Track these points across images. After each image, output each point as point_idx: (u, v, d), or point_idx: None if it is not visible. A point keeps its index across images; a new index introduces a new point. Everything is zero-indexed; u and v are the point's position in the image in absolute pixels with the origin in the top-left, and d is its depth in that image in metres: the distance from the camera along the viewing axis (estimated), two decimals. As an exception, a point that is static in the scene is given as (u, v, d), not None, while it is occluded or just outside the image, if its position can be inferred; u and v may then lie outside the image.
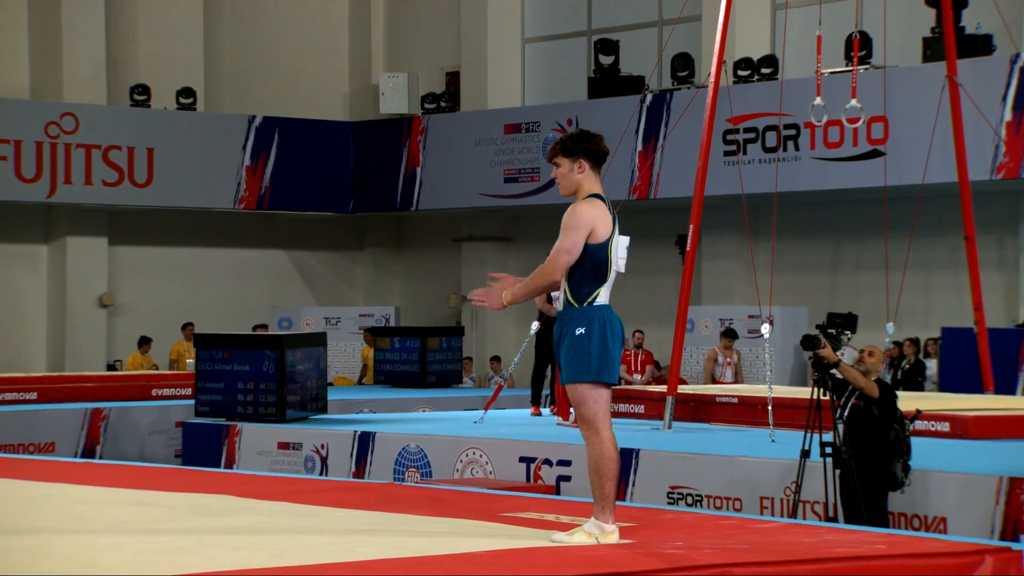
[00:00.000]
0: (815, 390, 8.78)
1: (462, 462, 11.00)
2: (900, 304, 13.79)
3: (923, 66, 16.08)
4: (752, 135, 17.14)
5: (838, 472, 8.65)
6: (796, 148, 16.79)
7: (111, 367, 19.88)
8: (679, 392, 12.07)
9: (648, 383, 17.39)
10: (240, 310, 20.99)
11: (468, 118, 20.43)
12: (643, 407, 12.54)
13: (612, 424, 5.59)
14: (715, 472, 9.70)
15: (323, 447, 11.90)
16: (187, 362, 17.73)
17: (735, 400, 12.18)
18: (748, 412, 11.84)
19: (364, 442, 11.65)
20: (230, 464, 12.32)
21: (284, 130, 20.74)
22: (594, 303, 5.54)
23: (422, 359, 17.30)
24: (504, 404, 14.36)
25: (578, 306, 5.53)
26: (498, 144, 19.64)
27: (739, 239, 18.02)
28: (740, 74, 17.38)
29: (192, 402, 13.27)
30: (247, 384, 12.65)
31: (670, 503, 9.70)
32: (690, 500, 9.74)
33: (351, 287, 22.83)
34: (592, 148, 5.68)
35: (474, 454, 10.96)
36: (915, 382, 16.07)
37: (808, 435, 8.69)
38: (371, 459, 11.56)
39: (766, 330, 11.39)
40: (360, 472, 11.54)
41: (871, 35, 16.13)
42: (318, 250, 22.51)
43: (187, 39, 21.42)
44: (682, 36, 18.36)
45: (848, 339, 9.22)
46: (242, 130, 20.48)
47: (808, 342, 8.84)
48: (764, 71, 17.44)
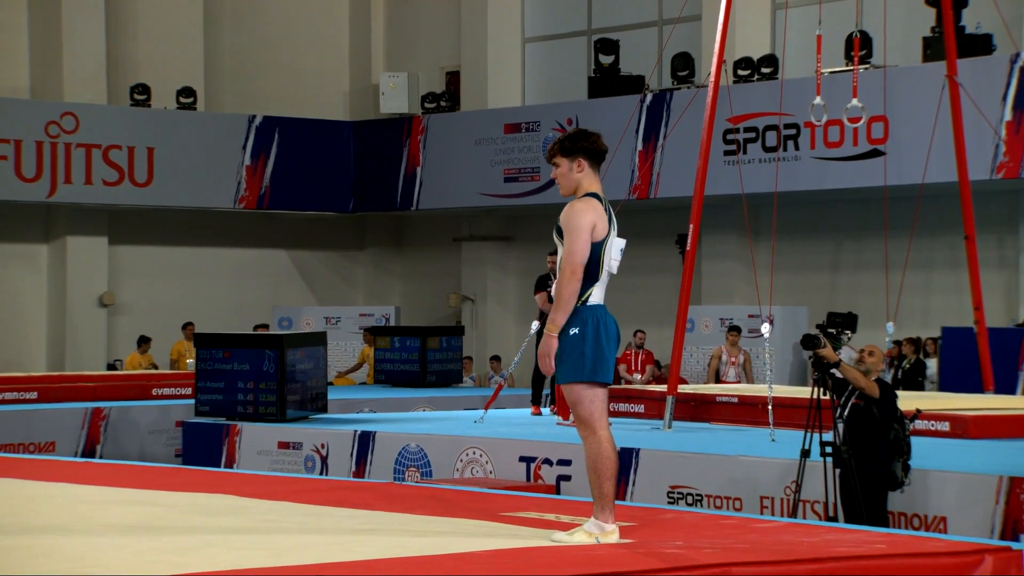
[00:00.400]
0: (815, 390, 8.78)
1: (462, 462, 11.00)
2: (900, 304, 13.79)
3: (923, 66, 16.08)
4: (752, 135, 17.14)
5: (838, 472, 8.66)
6: (796, 148, 16.79)
7: (111, 367, 19.87)
8: (679, 392, 12.07)
9: (648, 383, 17.39)
10: (240, 310, 20.99)
11: (468, 118, 20.43)
12: (643, 407, 12.55)
13: (610, 423, 5.59)
14: (715, 471, 9.70)
15: (323, 447, 11.90)
16: (187, 362, 17.73)
17: (735, 400, 12.18)
18: (748, 412, 11.84)
19: (364, 442, 11.65)
20: (230, 464, 12.32)
21: (284, 130, 20.74)
22: (588, 303, 5.54)
23: (422, 359, 17.30)
24: (504, 404, 14.36)
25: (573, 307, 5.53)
26: (498, 144, 19.65)
27: (739, 239, 18.03)
28: (740, 74, 17.38)
29: (192, 402, 13.27)
30: (247, 384, 12.65)
31: (670, 503, 9.70)
32: (690, 500, 9.74)
33: (351, 287, 22.83)
34: (590, 147, 5.68)
35: (474, 454, 10.96)
36: (915, 382, 16.07)
37: (808, 434, 8.69)
38: (371, 459, 11.56)
39: (766, 330, 11.39)
40: (360, 472, 11.55)
41: (871, 35, 16.13)
42: (318, 250, 22.52)
43: (187, 39, 21.42)
44: (682, 36, 18.36)
45: (848, 339, 9.22)
46: (242, 130, 20.48)
47: (808, 341, 8.84)
48: (764, 71, 17.44)
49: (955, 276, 16.65)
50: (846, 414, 8.76)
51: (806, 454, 8.73)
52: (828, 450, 8.63)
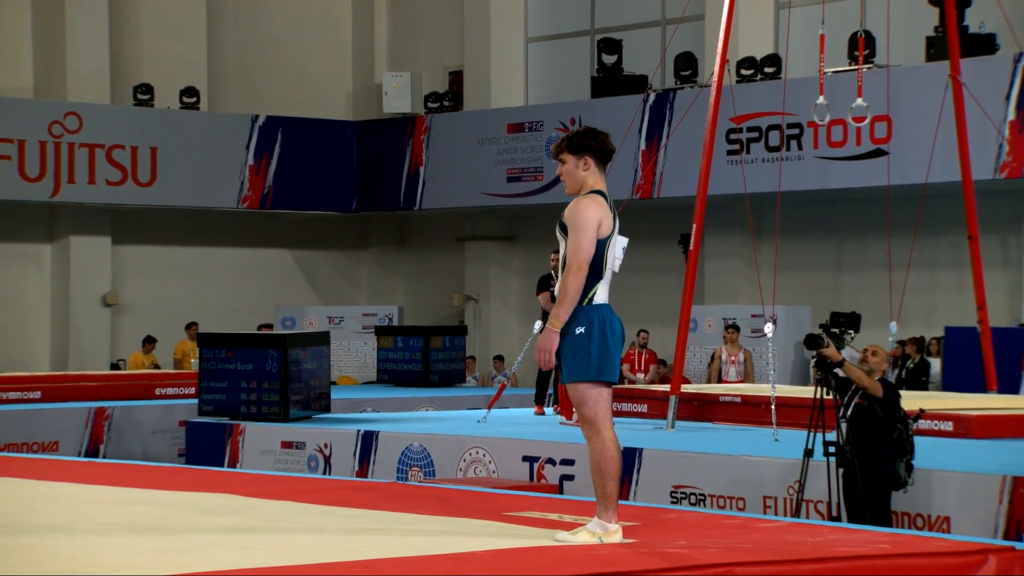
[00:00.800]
0: (818, 389, 8.78)
1: (465, 461, 11.01)
2: (903, 303, 13.78)
3: (926, 65, 16.07)
4: (755, 134, 17.13)
5: (841, 471, 8.65)
6: (799, 147, 16.78)
7: (115, 366, 19.88)
8: (682, 391, 12.07)
9: (652, 382, 17.39)
10: (243, 309, 21.00)
11: (471, 117, 20.43)
12: (646, 406, 12.54)
13: (614, 423, 5.58)
14: (718, 471, 9.69)
15: (326, 446, 11.91)
16: (191, 361, 17.74)
17: (738, 399, 12.18)
18: (751, 411, 11.84)
19: (367, 441, 11.66)
20: (233, 463, 12.32)
21: (287, 129, 20.75)
22: (593, 302, 5.54)
23: (425, 358, 17.31)
24: (507, 403, 14.36)
25: (577, 305, 5.53)
26: (501, 143, 19.65)
27: (742, 238, 18.02)
28: (743, 73, 17.38)
29: (196, 401, 13.28)
30: (251, 383, 12.66)
31: (673, 502, 9.70)
32: (693, 499, 9.73)
33: (354, 286, 22.84)
34: (598, 146, 5.67)
35: (477, 453, 10.96)
36: (919, 381, 16.06)
37: (811, 434, 8.69)
38: (374, 458, 11.56)
39: (769, 329, 11.39)
40: (363, 471, 11.55)
41: (874, 34, 16.12)
42: (321, 249, 22.53)
43: (191, 38, 21.43)
44: (685, 35, 18.35)
45: (852, 338, 9.21)
46: (245, 129, 20.49)
47: (811, 341, 8.84)
48: (767, 70, 17.43)
49: (958, 276, 16.64)
50: (849, 414, 8.76)
51: (809, 454, 8.73)
52: (831, 450, 8.62)
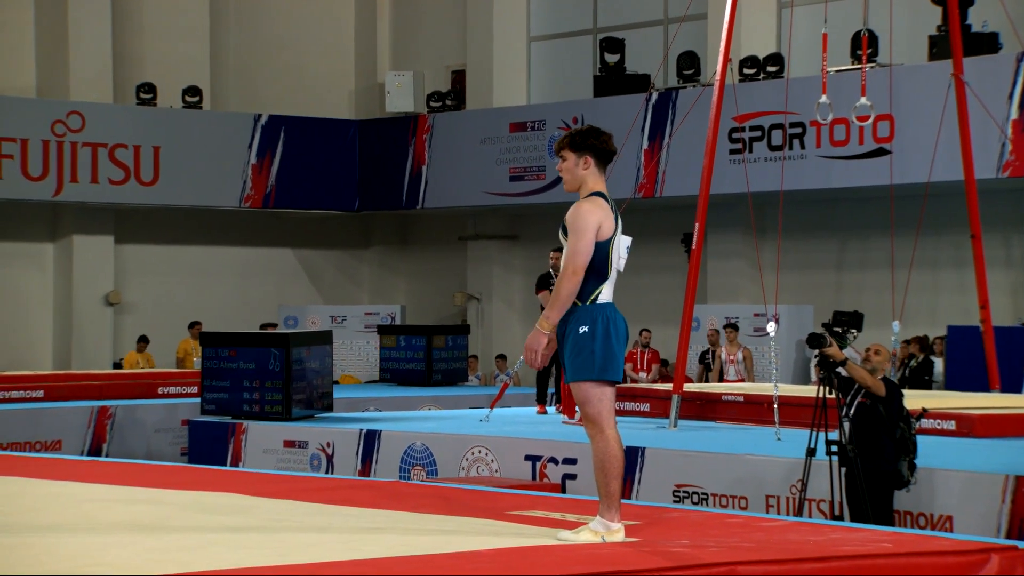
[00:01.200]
0: (821, 388, 8.78)
1: (468, 460, 11.01)
2: (906, 303, 13.78)
3: (929, 64, 16.06)
4: (758, 133, 17.13)
5: (844, 470, 8.65)
6: (802, 146, 16.77)
7: (117, 365, 19.89)
8: (685, 390, 12.07)
9: (654, 381, 17.40)
10: (246, 308, 21.01)
11: (474, 116, 20.43)
12: (649, 405, 12.54)
13: (617, 422, 5.58)
14: (721, 470, 9.69)
15: (329, 445, 11.91)
16: (194, 360, 17.74)
17: (741, 399, 12.18)
18: (754, 410, 11.83)
19: (370, 440, 11.66)
20: (236, 462, 12.33)
21: (290, 129, 20.75)
22: (597, 301, 5.54)
23: (427, 357, 17.31)
24: (510, 402, 14.36)
25: (582, 305, 5.53)
26: (504, 142, 19.64)
27: (745, 237, 18.02)
28: (746, 72, 17.37)
29: (198, 400, 13.28)
30: (253, 382, 12.67)
31: (676, 501, 9.70)
32: (696, 498, 9.73)
33: (357, 285, 22.85)
34: (600, 146, 5.66)
35: (480, 452, 10.96)
36: (921, 380, 16.05)
37: (814, 433, 8.69)
38: (377, 457, 11.57)
39: (772, 328, 11.38)
40: (366, 470, 11.55)
41: (877, 33, 16.11)
42: (324, 248, 22.53)
43: (193, 38, 21.44)
44: (688, 34, 18.35)
45: (854, 337, 9.21)
46: (248, 129, 20.50)
47: (814, 340, 8.84)
48: (770, 69, 17.43)
49: (961, 275, 16.64)
50: (852, 413, 8.76)
51: (812, 453, 8.72)
52: (834, 449, 8.62)
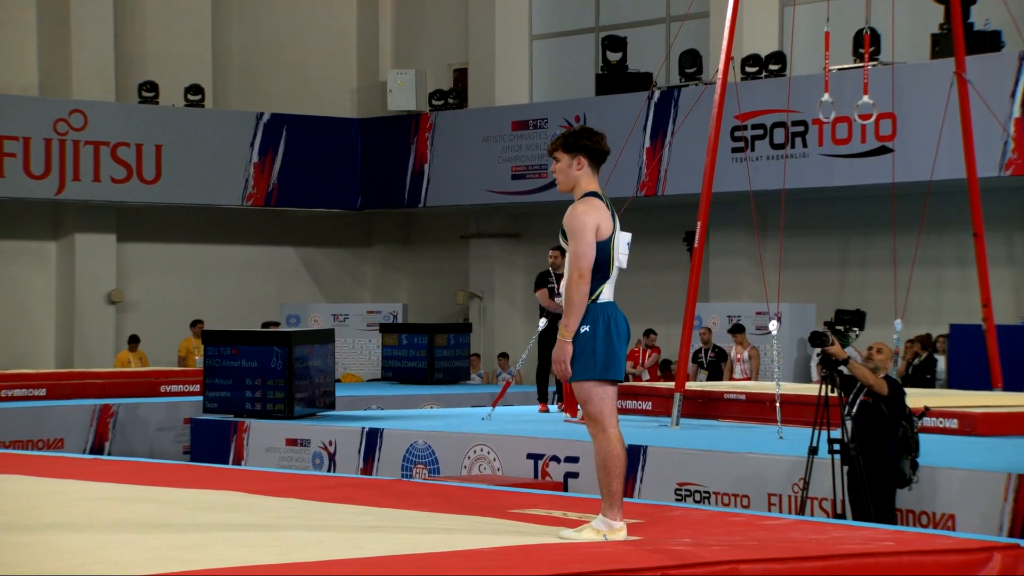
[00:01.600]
0: (823, 387, 8.77)
1: (470, 459, 11.01)
2: (908, 301, 13.77)
3: (931, 62, 16.05)
4: (760, 132, 17.12)
5: (846, 469, 8.65)
6: (804, 145, 16.77)
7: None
8: (687, 389, 12.07)
9: (654, 366, 17.71)
10: (248, 306, 21.02)
11: (476, 115, 20.43)
12: (651, 404, 12.54)
13: (619, 421, 5.58)
14: (723, 469, 9.69)
15: (331, 443, 11.91)
16: (196, 359, 17.74)
17: (743, 397, 12.17)
18: (756, 409, 11.83)
19: (372, 439, 11.66)
20: (238, 460, 12.34)
21: (292, 127, 20.75)
22: (598, 301, 5.54)
23: (430, 355, 17.31)
24: (512, 401, 14.36)
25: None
26: (506, 141, 19.64)
27: (747, 236, 18.01)
28: (748, 71, 17.36)
29: (201, 399, 13.29)
30: (255, 380, 12.67)
31: (678, 500, 9.70)
32: (698, 497, 9.73)
33: (359, 283, 22.85)
34: (593, 146, 5.66)
35: (482, 451, 10.97)
36: (924, 379, 16.05)
37: (816, 432, 8.69)
38: (379, 455, 11.57)
39: (774, 327, 11.38)
40: (368, 469, 11.56)
41: (879, 31, 16.10)
42: (326, 247, 22.54)
43: (195, 36, 21.44)
44: (690, 32, 18.34)
45: (856, 336, 9.20)
46: (250, 127, 20.50)
47: (816, 339, 8.83)
48: (772, 67, 17.42)
49: (963, 273, 16.63)
50: (854, 411, 8.76)
51: (814, 451, 8.72)
52: (836, 447, 8.62)
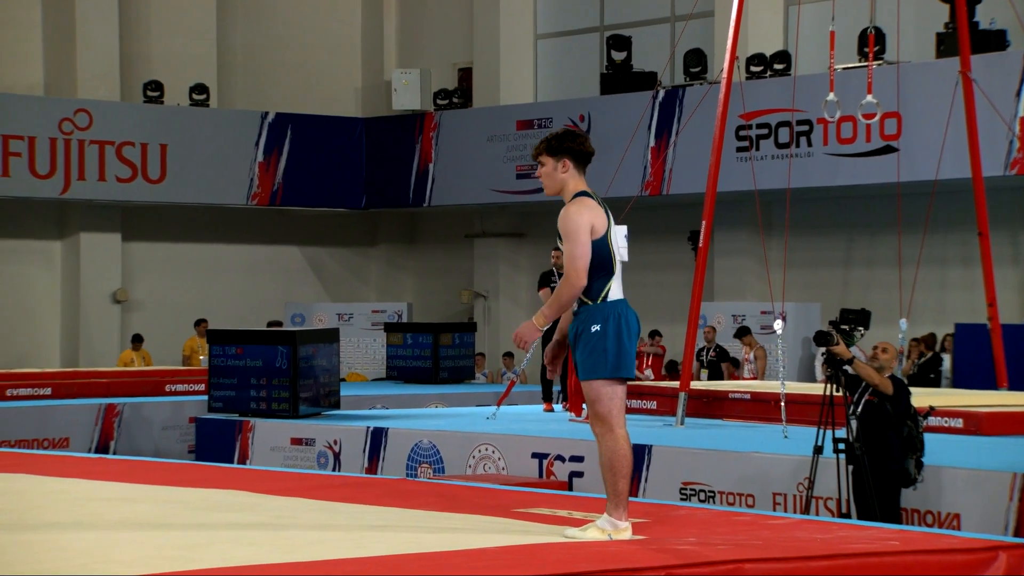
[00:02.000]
0: (828, 386, 8.77)
1: (475, 458, 11.01)
2: (913, 300, 13.75)
3: (937, 62, 16.03)
4: (765, 131, 17.11)
5: (851, 468, 8.64)
6: (809, 144, 16.76)
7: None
8: (691, 388, 12.06)
9: (653, 352, 17.81)
10: (253, 306, 21.04)
11: (480, 114, 20.43)
12: (655, 403, 12.54)
13: (626, 422, 5.57)
14: (728, 468, 9.69)
15: (336, 443, 11.92)
16: (200, 358, 17.76)
17: (748, 396, 12.17)
18: (761, 408, 11.83)
19: (377, 438, 11.67)
20: (243, 460, 12.34)
21: (297, 126, 20.77)
22: (608, 299, 5.53)
23: (434, 355, 17.32)
24: (516, 400, 14.36)
25: (593, 303, 5.52)
26: (510, 140, 19.64)
27: (752, 235, 18.00)
28: (753, 70, 17.35)
29: (205, 398, 13.30)
30: (260, 380, 12.68)
31: (683, 499, 9.69)
32: (703, 496, 9.73)
33: (364, 283, 22.86)
34: (577, 148, 5.67)
35: (486, 450, 10.97)
36: (929, 378, 16.04)
37: (821, 431, 8.68)
38: (384, 455, 11.57)
39: (779, 326, 11.37)
40: (373, 468, 11.56)
41: (885, 31, 16.09)
42: (331, 246, 22.54)
43: (200, 35, 21.46)
44: (695, 32, 18.33)
45: (861, 335, 9.20)
46: (255, 126, 20.51)
47: (821, 338, 8.83)
48: (777, 67, 17.41)
49: (969, 272, 16.60)
50: (859, 411, 8.75)
51: (819, 451, 8.72)
52: (841, 447, 8.62)
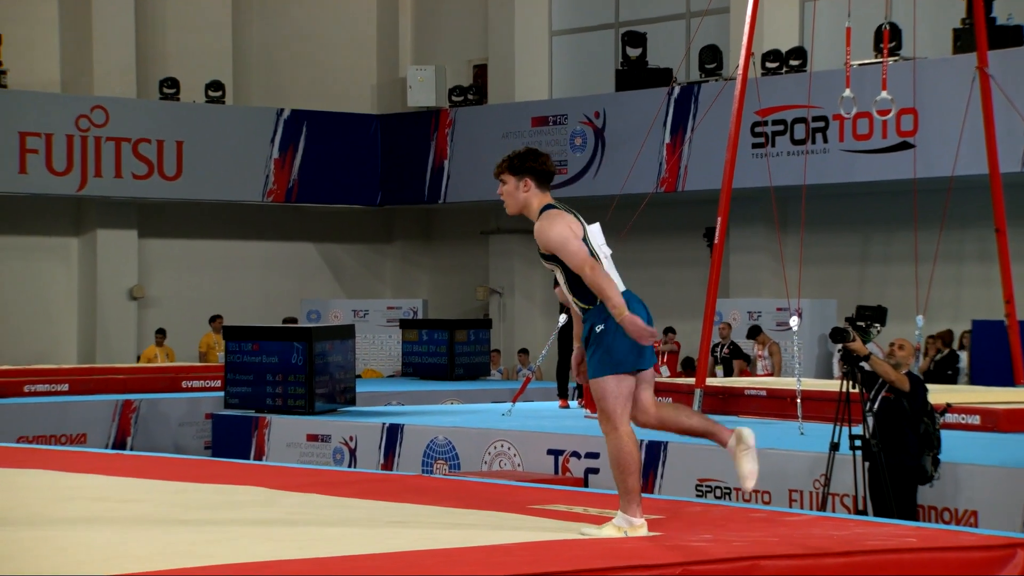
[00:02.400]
0: (844, 383, 8.75)
1: (490, 454, 11.01)
2: (930, 297, 13.71)
3: (953, 57, 15.97)
4: (780, 127, 17.07)
5: (867, 465, 8.62)
6: (825, 140, 16.71)
7: (138, 359, 19.97)
8: (707, 385, 12.05)
9: (676, 375, 17.55)
10: (269, 302, 21.07)
11: (495, 111, 20.43)
12: (671, 399, 12.51)
13: (631, 419, 5.54)
14: (743, 465, 9.65)
15: (352, 439, 11.94)
16: (217, 355, 17.79)
17: (764, 393, 12.15)
18: (777, 405, 11.81)
19: (392, 434, 11.68)
20: (259, 456, 12.37)
21: (312, 123, 20.79)
22: None
23: (450, 351, 17.33)
24: (532, 396, 14.36)
25: (594, 305, 5.51)
26: (525, 137, 19.63)
27: (767, 232, 17.96)
28: (768, 66, 17.31)
29: (222, 394, 13.33)
30: (276, 376, 12.70)
31: (698, 495, 9.68)
32: (718, 493, 9.72)
33: (379, 279, 22.88)
34: (539, 167, 5.68)
35: (502, 446, 10.97)
36: (945, 375, 15.99)
37: (838, 428, 8.66)
38: (399, 451, 11.59)
39: (795, 323, 11.35)
40: (388, 464, 11.57)
41: (901, 26, 16.03)
42: (346, 243, 22.57)
43: (216, 32, 21.50)
44: (710, 28, 18.29)
45: (878, 332, 9.17)
46: (270, 123, 20.54)
47: (837, 335, 8.81)
48: (792, 63, 17.36)
49: (985, 269, 16.54)
50: (876, 407, 8.73)
51: (835, 447, 8.70)
52: (858, 443, 8.60)
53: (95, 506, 6.36)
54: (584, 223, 5.62)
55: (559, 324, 12.39)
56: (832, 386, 10.61)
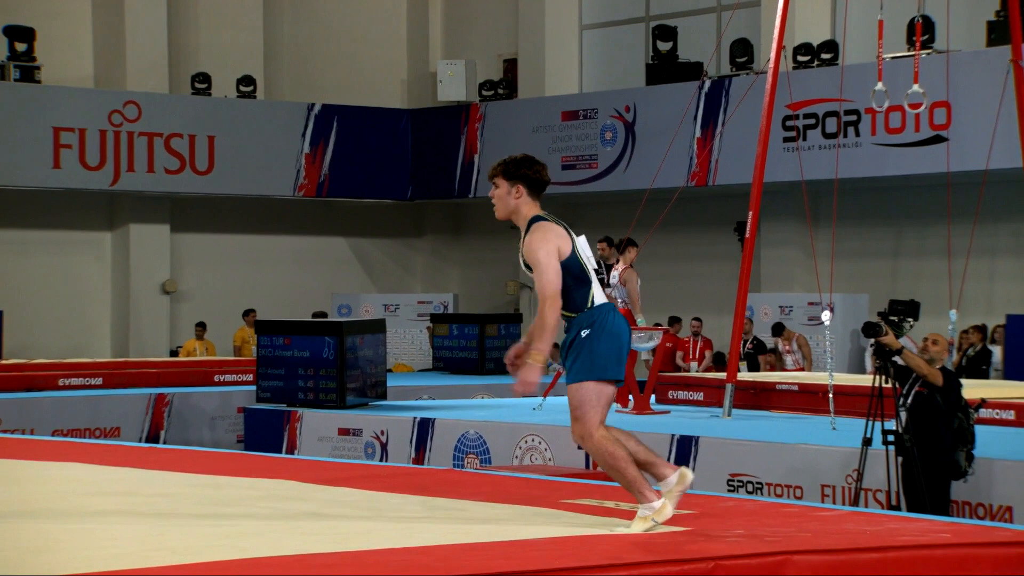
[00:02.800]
0: (877, 377, 8.71)
1: (521, 449, 11.02)
2: (963, 291, 13.63)
3: (987, 50, 15.86)
4: (812, 121, 16.99)
5: (901, 460, 8.58)
6: (857, 134, 16.63)
7: (174, 353, 20.09)
8: (739, 379, 12.01)
9: (707, 370, 17.34)
10: (300, 297, 21.14)
11: (526, 105, 20.42)
12: (702, 394, 12.50)
13: (604, 421, 5.49)
14: (776, 460, 9.65)
15: (383, 433, 11.97)
16: (252, 348, 17.87)
17: (795, 387, 12.10)
18: (809, 399, 11.77)
19: (424, 428, 11.70)
20: (291, 450, 12.42)
21: (343, 118, 20.83)
22: (594, 303, 5.51)
23: (480, 346, 17.34)
24: (563, 391, 14.33)
25: (581, 312, 5.50)
26: (556, 131, 19.62)
27: (799, 226, 17.89)
28: (800, 59, 17.24)
29: (254, 388, 13.39)
30: (307, 370, 12.75)
31: (730, 491, 9.66)
32: (750, 488, 9.70)
33: (409, 274, 22.92)
34: (532, 175, 5.67)
35: (533, 441, 10.98)
36: (980, 370, 15.89)
37: (870, 423, 8.63)
38: (431, 445, 11.61)
39: (827, 317, 11.30)
40: (420, 458, 11.60)
41: (934, 19, 15.93)
42: (377, 237, 22.62)
43: (247, 27, 21.57)
44: (741, 21, 18.22)
45: (911, 326, 9.12)
46: (301, 118, 20.60)
47: (870, 329, 8.77)
48: (824, 56, 17.28)
49: (1019, 263, 16.43)
50: (909, 402, 8.68)
51: (868, 442, 8.66)
52: (891, 438, 8.56)
53: (129, 500, 6.40)
54: (573, 236, 5.59)
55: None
56: (864, 381, 10.56)
